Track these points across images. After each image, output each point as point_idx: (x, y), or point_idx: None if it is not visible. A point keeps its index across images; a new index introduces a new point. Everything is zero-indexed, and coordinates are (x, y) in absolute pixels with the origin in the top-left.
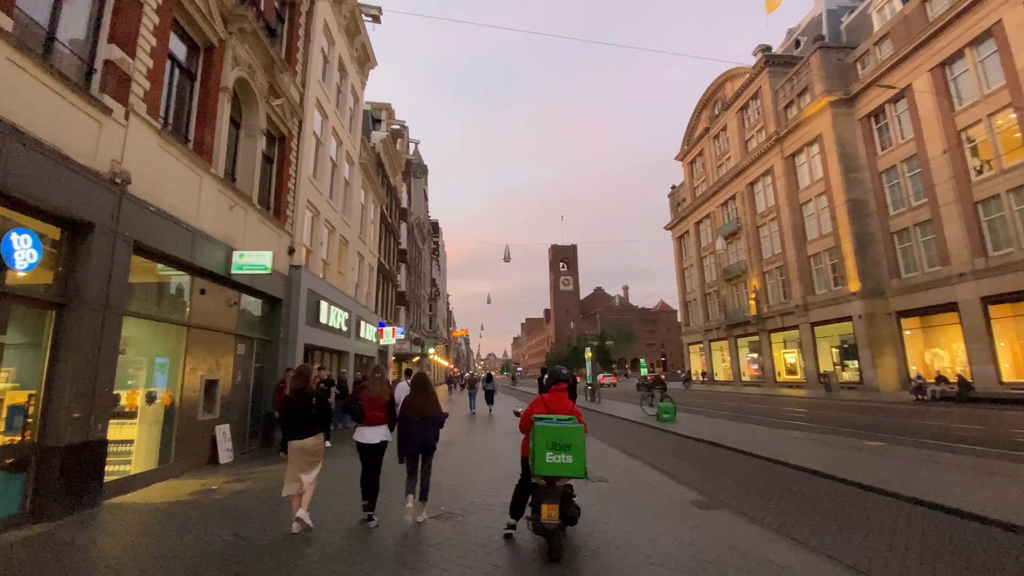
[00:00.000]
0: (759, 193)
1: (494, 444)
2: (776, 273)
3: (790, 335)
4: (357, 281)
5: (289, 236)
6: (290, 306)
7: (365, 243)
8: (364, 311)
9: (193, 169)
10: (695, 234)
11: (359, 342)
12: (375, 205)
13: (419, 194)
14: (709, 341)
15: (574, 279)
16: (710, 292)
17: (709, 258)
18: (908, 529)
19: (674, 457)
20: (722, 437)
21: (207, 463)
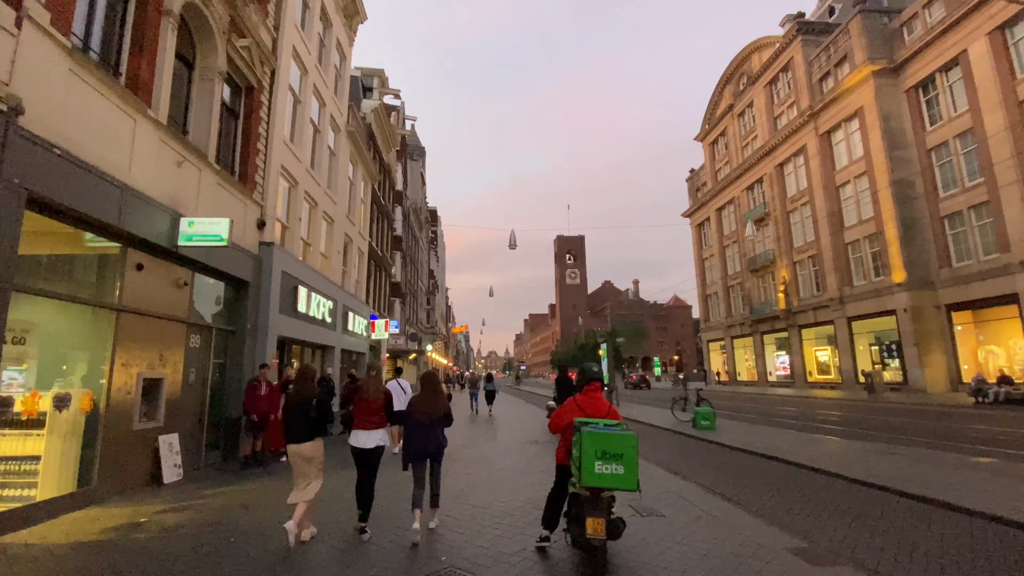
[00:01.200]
0: (790, 175)
1: (503, 459)
2: (808, 263)
3: (823, 331)
4: (344, 267)
5: (258, 207)
6: (259, 290)
7: (354, 224)
8: (353, 301)
9: (124, 109)
10: (716, 221)
11: (346, 336)
12: (366, 183)
13: (416, 177)
14: (731, 338)
15: (581, 272)
16: (733, 284)
17: (732, 247)
18: None
19: (729, 476)
20: (777, 448)
21: (148, 483)
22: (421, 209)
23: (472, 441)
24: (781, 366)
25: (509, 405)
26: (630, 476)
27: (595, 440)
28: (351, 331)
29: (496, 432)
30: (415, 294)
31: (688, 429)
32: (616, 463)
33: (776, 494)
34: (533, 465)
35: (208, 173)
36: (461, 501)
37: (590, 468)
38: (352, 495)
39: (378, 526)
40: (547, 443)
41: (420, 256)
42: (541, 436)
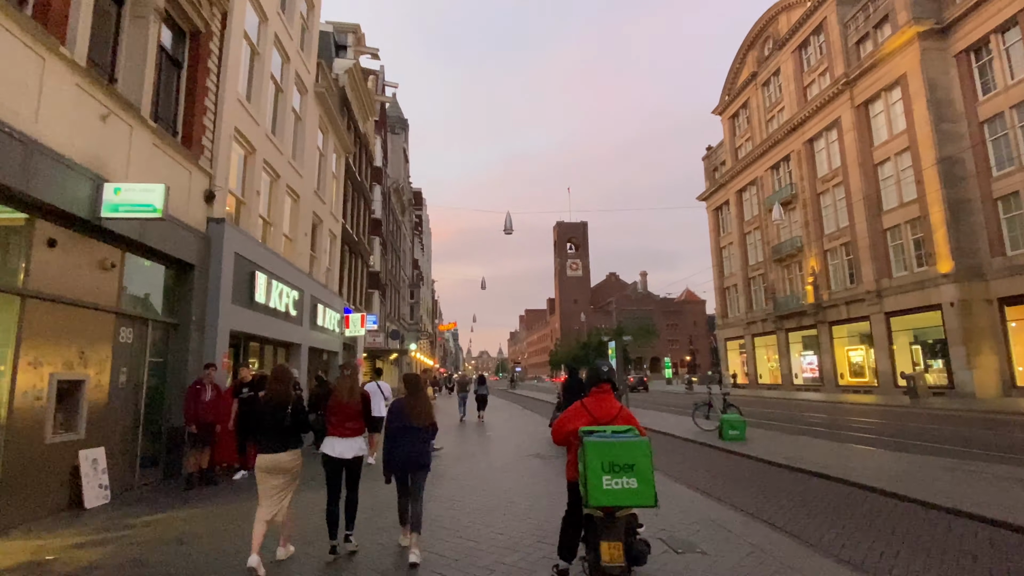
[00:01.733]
0: (821, 152)
1: (502, 477)
2: (841, 251)
3: (857, 328)
4: (313, 251)
5: (206, 176)
6: (207, 276)
7: (324, 202)
8: (323, 292)
9: (30, 45)
10: (736, 205)
11: (315, 332)
12: (338, 155)
13: (398, 153)
14: (752, 336)
15: (584, 263)
16: (755, 276)
17: (754, 234)
18: None
19: (772, 497)
20: (825, 464)
21: (66, 509)
22: (403, 189)
23: (463, 455)
24: (808, 367)
25: (504, 412)
26: (645, 490)
27: (600, 451)
28: (321, 326)
29: (490, 443)
30: (397, 286)
31: (714, 440)
32: (627, 476)
33: (835, 521)
34: (537, 484)
35: (142, 131)
36: (453, 533)
37: (597, 484)
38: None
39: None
40: (552, 457)
41: (403, 243)
42: (544, 448)
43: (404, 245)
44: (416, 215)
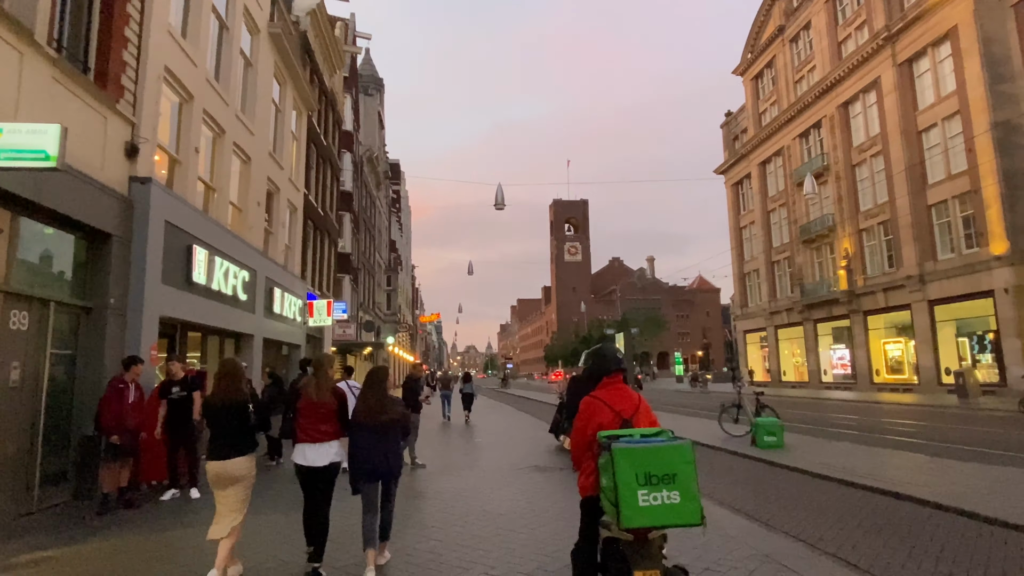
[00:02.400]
0: (857, 117)
1: (496, 496)
2: (878, 231)
3: (896, 318)
4: (269, 226)
5: (128, 124)
6: (130, 248)
7: (282, 167)
8: (281, 274)
9: None
10: (759, 178)
11: (272, 321)
12: (299, 113)
13: (372, 118)
14: (775, 327)
15: (583, 246)
16: (779, 259)
17: (779, 212)
18: None
19: (833, 521)
20: (892, 478)
21: None
22: (378, 159)
23: (448, 466)
24: (839, 363)
25: (495, 414)
26: (689, 505)
27: (633, 459)
28: (278, 314)
29: (480, 452)
30: (371, 271)
31: (745, 447)
32: (668, 488)
33: (922, 555)
34: (539, 504)
35: (36, 60)
36: (433, 572)
37: (631, 501)
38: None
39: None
40: (554, 469)
41: (378, 221)
42: (544, 458)
43: (380, 224)
44: (393, 190)
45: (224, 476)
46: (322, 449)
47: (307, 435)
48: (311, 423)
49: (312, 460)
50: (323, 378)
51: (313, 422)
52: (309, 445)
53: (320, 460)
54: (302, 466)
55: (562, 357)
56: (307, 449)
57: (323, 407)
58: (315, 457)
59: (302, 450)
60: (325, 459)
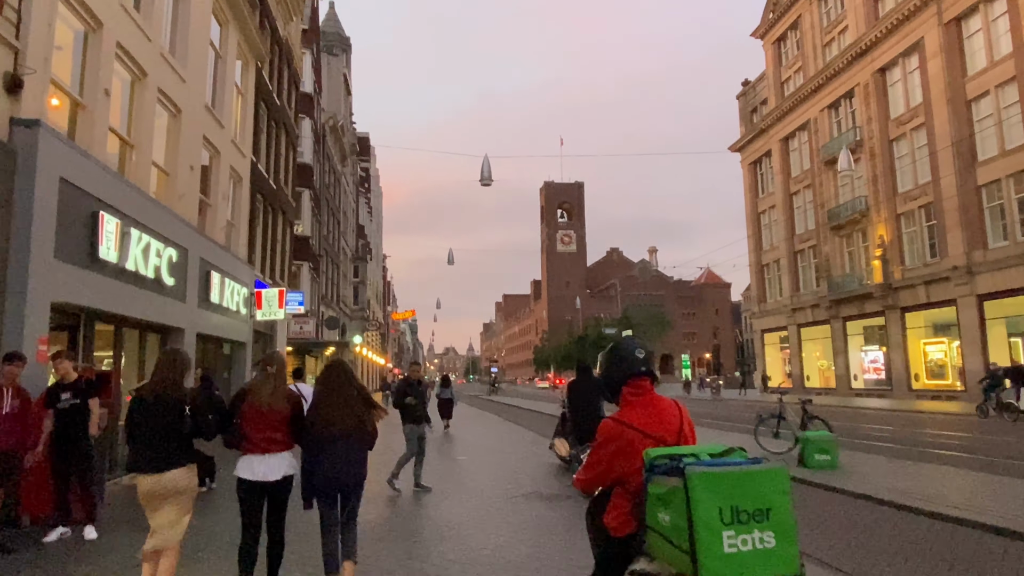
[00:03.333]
0: (895, 85)
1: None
2: (919, 215)
3: (939, 316)
4: (206, 196)
5: (8, 49)
6: (10, 210)
7: (223, 125)
8: (222, 256)
9: None
10: (781, 156)
11: (208, 312)
12: (246, 63)
13: (337, 81)
14: (797, 326)
15: (578, 234)
16: (803, 248)
17: (804, 194)
18: None
19: (942, 570)
20: (1002, 513)
21: None
22: (344, 129)
23: (427, 495)
24: (872, 366)
25: (480, 425)
26: (786, 550)
27: (717, 487)
28: (217, 305)
29: (466, 473)
30: (335, 259)
31: (791, 468)
32: (760, 527)
33: None
34: (549, 549)
35: None
36: None
37: (714, 547)
38: None
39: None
40: (560, 497)
41: (344, 202)
42: (546, 482)
43: (346, 205)
44: (362, 168)
45: (159, 492)
46: (273, 461)
47: (255, 445)
48: (259, 431)
49: (262, 474)
50: (280, 381)
51: (262, 430)
52: (257, 457)
53: (272, 474)
54: (248, 481)
55: (554, 361)
56: (255, 462)
57: (275, 414)
58: (265, 471)
59: (249, 463)
60: (277, 472)
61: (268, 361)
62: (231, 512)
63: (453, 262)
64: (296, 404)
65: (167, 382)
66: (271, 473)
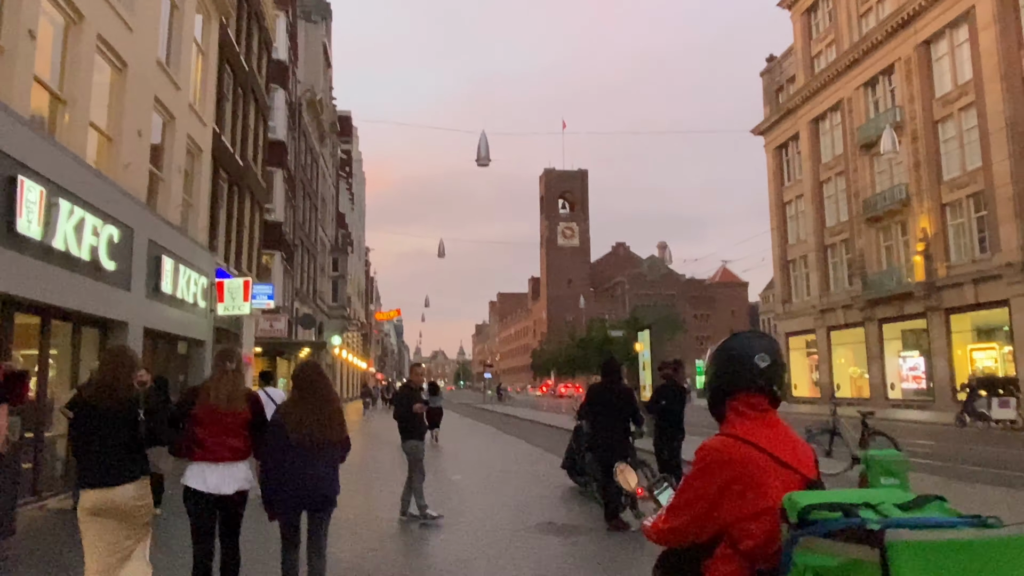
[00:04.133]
0: (941, 59)
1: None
2: (967, 205)
3: (989, 318)
4: (158, 169)
5: None
6: None
7: (179, 86)
8: (176, 239)
9: None
10: (810, 140)
11: (159, 304)
12: (207, 17)
13: (315, 51)
14: (827, 329)
15: (581, 228)
16: (834, 243)
17: (835, 182)
18: None
19: None
20: None
21: None
22: (323, 105)
23: (417, 525)
24: (911, 374)
25: (475, 438)
26: None
27: (935, 568)
28: (170, 296)
29: (464, 496)
30: (311, 250)
31: None
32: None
33: None
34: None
35: None
36: None
37: None
38: None
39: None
40: (580, 531)
41: (322, 187)
42: (559, 510)
43: (324, 190)
44: (343, 150)
45: (109, 509)
46: (228, 471)
47: (209, 452)
48: (215, 436)
49: (215, 486)
50: (240, 379)
51: (217, 434)
52: (211, 466)
53: (225, 486)
54: (200, 494)
55: (555, 365)
56: (207, 471)
57: (232, 417)
58: (218, 482)
59: (200, 472)
60: (231, 484)
61: (226, 356)
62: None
63: (444, 254)
64: (257, 406)
65: (115, 383)
66: (224, 485)
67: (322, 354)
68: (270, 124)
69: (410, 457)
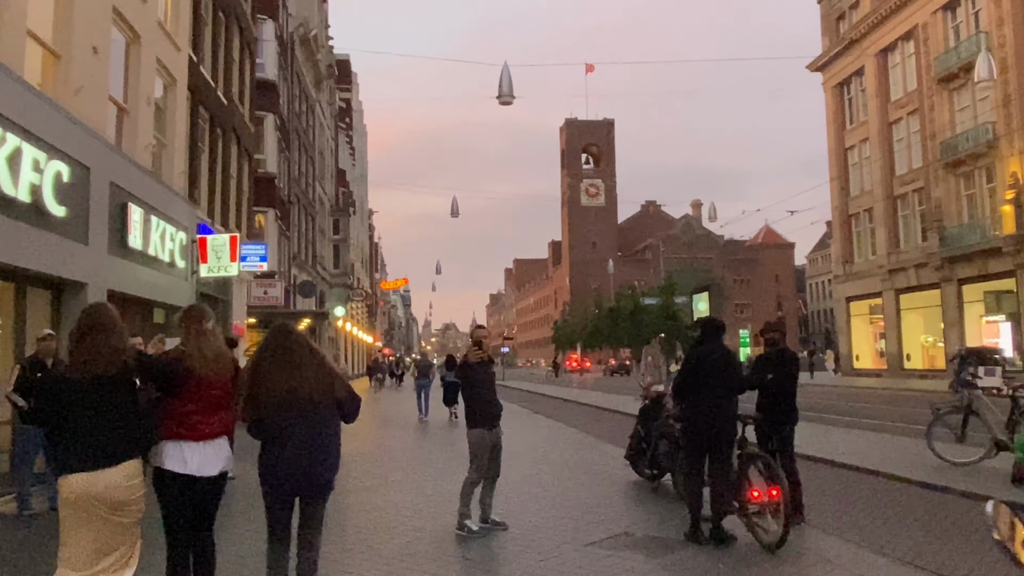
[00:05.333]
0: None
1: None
2: None
3: None
4: (124, 98)
5: None
6: None
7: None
8: (146, 184)
9: None
10: (878, 75)
11: (126, 263)
12: None
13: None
14: (895, 292)
15: (607, 185)
16: (905, 192)
17: (907, 122)
18: None
19: None
20: None
21: None
22: (319, 44)
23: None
24: (995, 342)
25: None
26: None
27: None
28: (140, 252)
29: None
30: (309, 209)
31: (997, 486)
32: None
33: None
34: None
35: None
36: None
37: None
38: None
39: None
40: (666, 546)
41: (320, 139)
42: (631, 515)
43: (322, 142)
44: (342, 99)
45: (96, 498)
46: (211, 449)
47: (189, 429)
48: (200, 411)
49: (196, 467)
50: (212, 337)
51: (202, 409)
52: (191, 445)
53: (209, 467)
54: (180, 477)
55: (580, 339)
56: (187, 450)
57: (218, 385)
58: (201, 462)
59: (178, 451)
60: (215, 464)
61: (199, 314)
62: None
63: (458, 213)
64: (235, 366)
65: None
66: (207, 466)
67: (324, 327)
68: (258, 61)
69: (476, 450)
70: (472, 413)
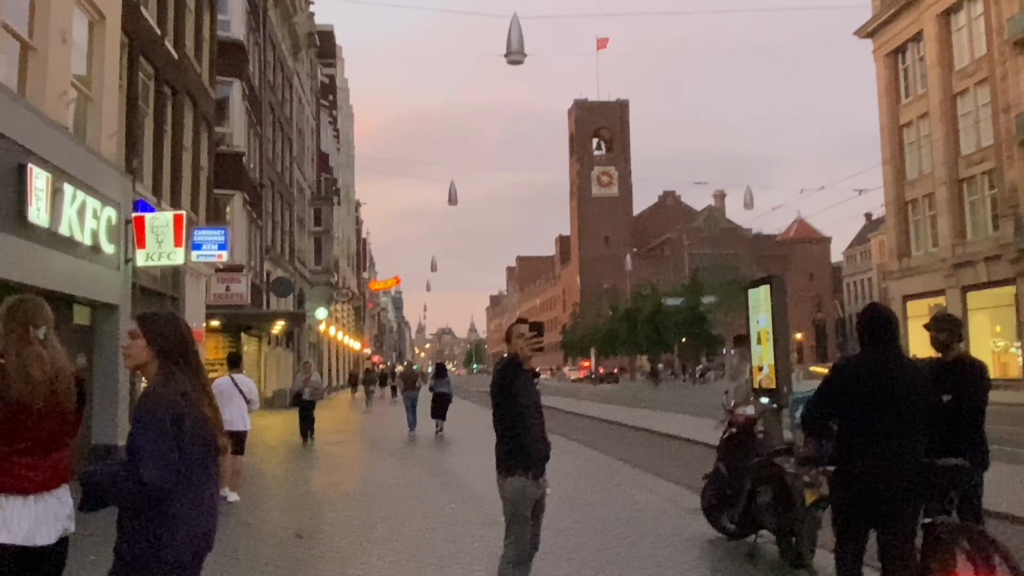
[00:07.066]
0: None
1: None
2: None
3: None
4: (29, 34)
5: None
6: None
7: None
8: (58, 142)
9: None
10: (939, 39)
11: (31, 245)
12: None
13: None
14: (961, 290)
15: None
16: (972, 175)
17: (974, 94)
18: None
19: None
20: None
21: None
22: (297, 7)
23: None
24: None
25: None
26: None
27: None
28: (48, 230)
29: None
30: (286, 196)
31: None
32: None
33: None
34: None
35: None
36: None
37: None
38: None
39: None
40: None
41: (299, 116)
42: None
43: (301, 120)
44: (325, 74)
45: None
46: (49, 506)
47: (15, 479)
48: (27, 451)
49: (27, 534)
50: (56, 353)
51: (31, 450)
52: (15, 501)
53: (46, 532)
54: (2, 548)
55: (594, 343)
56: (12, 510)
57: (58, 415)
58: (32, 527)
59: (9, 511)
60: (56, 526)
61: (26, 314)
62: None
63: (456, 201)
64: (81, 394)
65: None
66: (43, 531)
67: (305, 331)
68: (222, 18)
69: (516, 510)
70: (510, 451)
